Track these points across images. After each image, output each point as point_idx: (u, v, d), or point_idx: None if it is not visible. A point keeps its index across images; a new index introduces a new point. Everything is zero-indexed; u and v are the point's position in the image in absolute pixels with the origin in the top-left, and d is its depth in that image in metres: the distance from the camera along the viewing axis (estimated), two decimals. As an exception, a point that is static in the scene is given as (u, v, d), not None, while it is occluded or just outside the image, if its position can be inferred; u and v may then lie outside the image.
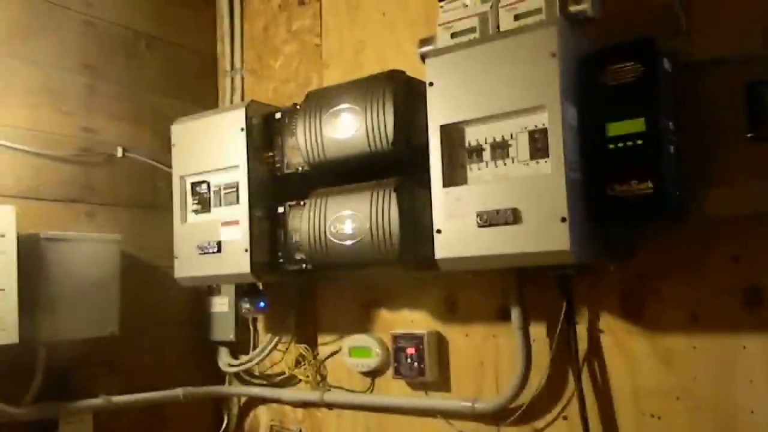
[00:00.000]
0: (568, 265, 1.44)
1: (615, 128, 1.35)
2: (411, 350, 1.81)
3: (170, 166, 1.98)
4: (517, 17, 1.45)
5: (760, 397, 1.37)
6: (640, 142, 1.32)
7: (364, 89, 1.62)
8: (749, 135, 1.37)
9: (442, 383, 1.80)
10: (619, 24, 1.50)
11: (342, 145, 1.64)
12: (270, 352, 2.11)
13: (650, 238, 1.48)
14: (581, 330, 1.57)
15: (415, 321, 1.86)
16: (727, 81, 1.41)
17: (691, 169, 1.39)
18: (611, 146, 1.35)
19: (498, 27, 1.47)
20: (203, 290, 2.21)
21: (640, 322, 1.51)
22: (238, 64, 2.34)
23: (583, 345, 1.57)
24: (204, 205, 1.90)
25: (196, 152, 1.92)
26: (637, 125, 1.33)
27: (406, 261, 1.56)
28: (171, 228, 1.95)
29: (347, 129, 1.63)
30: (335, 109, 1.66)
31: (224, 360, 2.20)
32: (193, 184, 1.93)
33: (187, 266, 1.91)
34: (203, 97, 2.34)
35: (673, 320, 1.47)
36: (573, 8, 1.42)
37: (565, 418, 1.61)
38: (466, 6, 1.52)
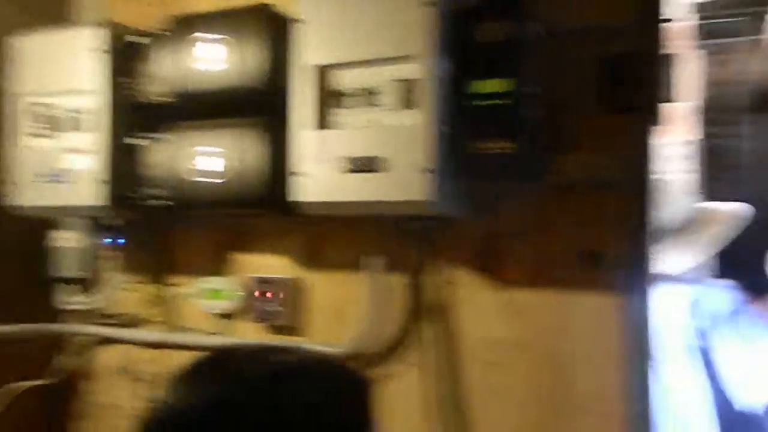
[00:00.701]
0: (430, 217, 1.47)
1: (482, 86, 1.37)
2: (269, 294, 1.78)
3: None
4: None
5: (590, 349, 1.48)
6: (504, 101, 1.36)
7: (234, 21, 1.54)
8: (604, 106, 1.45)
9: (298, 328, 1.80)
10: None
11: (208, 77, 1.56)
12: (119, 290, 2.00)
13: (506, 197, 1.54)
14: (436, 282, 1.62)
15: (274, 266, 1.83)
16: (587, 51, 1.47)
17: (548, 134, 1.45)
18: (477, 103, 1.37)
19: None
20: (41, 222, 2.04)
21: (490, 276, 1.58)
22: (97, -20, 2.14)
23: (437, 296, 1.62)
24: (51, 128, 1.74)
25: (42, 71, 1.75)
26: (502, 85, 1.36)
27: (269, 204, 1.52)
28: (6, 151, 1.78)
29: (215, 61, 1.54)
30: (203, 38, 1.56)
31: (66, 298, 2.07)
32: (36, 105, 1.76)
33: (28, 194, 1.75)
34: (52, 12, 2.12)
35: (521, 277, 1.55)
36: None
37: (414, 364, 1.66)
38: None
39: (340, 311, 1.75)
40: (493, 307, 1.58)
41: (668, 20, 1.46)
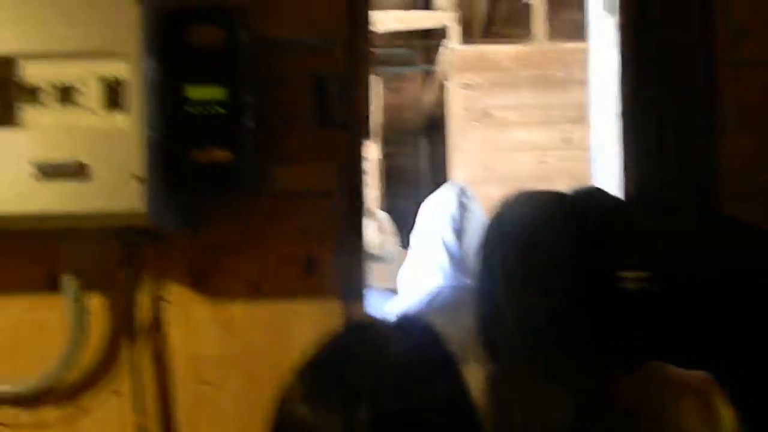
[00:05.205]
0: (137, 231, 1.36)
1: (195, 92, 1.32)
2: (-75, 329, 1.46)
3: None
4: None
5: (307, 359, 1.50)
6: (220, 110, 1.32)
7: None
8: (317, 121, 1.50)
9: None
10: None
11: None
12: None
13: (222, 209, 1.49)
14: (145, 300, 1.49)
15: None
16: (301, 68, 1.50)
17: (265, 145, 1.45)
18: (192, 110, 1.32)
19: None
20: None
21: (206, 291, 1.50)
22: None
23: (146, 316, 1.50)
24: None
25: None
26: (217, 92, 1.33)
27: None
28: None
29: None
30: None
31: None
32: None
33: None
34: None
35: (237, 290, 1.50)
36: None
37: (116, 392, 1.51)
38: None
39: (19, 343, 1.51)
40: (208, 323, 1.50)
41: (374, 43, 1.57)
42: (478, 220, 2.00)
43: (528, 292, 0.87)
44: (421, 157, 6.62)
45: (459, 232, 2.02)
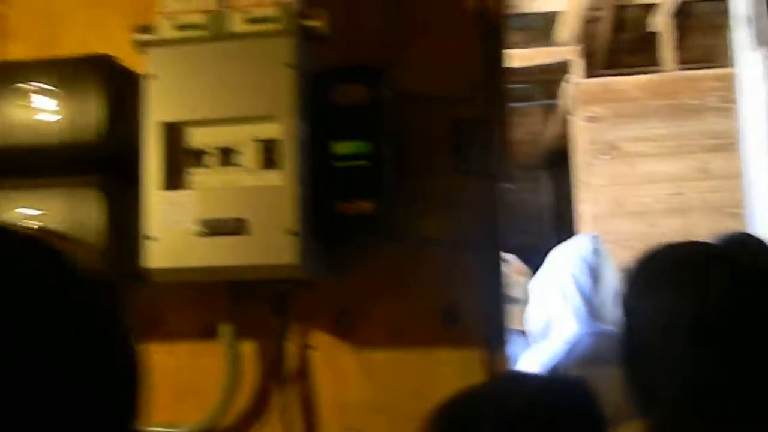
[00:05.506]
0: (288, 280, 1.42)
1: (341, 147, 1.38)
2: (100, 372, 1.59)
3: None
4: (251, 21, 1.39)
5: (450, 406, 1.50)
6: (364, 163, 1.37)
7: (68, 70, 1.39)
8: (455, 168, 1.52)
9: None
10: (343, 48, 1.54)
11: (34, 130, 1.39)
12: None
13: (365, 256, 1.54)
14: (294, 347, 1.55)
15: (106, 339, 1.64)
16: (438, 116, 1.54)
17: (407, 193, 1.48)
18: (338, 164, 1.37)
19: (230, 28, 1.39)
20: None
21: (350, 338, 1.55)
22: None
23: (294, 362, 1.55)
24: None
25: None
26: (362, 146, 1.38)
27: (110, 272, 1.37)
28: None
29: (43, 113, 1.38)
30: (30, 87, 1.39)
31: None
32: None
33: None
34: None
35: (379, 337, 1.53)
36: (308, 23, 1.41)
37: (269, 438, 1.57)
38: (191, -1, 1.42)
39: (184, 386, 1.61)
40: (352, 369, 1.54)
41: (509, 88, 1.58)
42: (613, 268, 1.96)
43: (683, 342, 0.84)
44: (542, 192, 6.50)
45: (594, 278, 1.97)
